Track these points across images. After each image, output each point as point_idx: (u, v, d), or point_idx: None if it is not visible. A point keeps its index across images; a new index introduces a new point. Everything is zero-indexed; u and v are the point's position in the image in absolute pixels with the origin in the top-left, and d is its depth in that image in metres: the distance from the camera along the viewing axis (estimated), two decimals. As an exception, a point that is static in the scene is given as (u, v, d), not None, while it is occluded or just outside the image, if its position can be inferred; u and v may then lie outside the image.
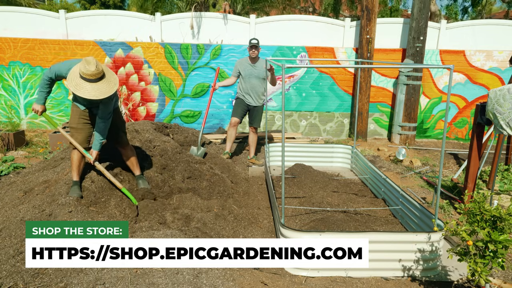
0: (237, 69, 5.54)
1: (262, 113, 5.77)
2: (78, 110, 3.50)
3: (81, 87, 3.08)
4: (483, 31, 7.69)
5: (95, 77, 3.09)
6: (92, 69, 3.04)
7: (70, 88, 3.10)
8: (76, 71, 3.14)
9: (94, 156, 3.50)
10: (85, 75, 3.06)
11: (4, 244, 2.80)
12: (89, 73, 3.05)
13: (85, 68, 3.04)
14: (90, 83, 3.09)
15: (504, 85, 3.52)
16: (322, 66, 3.08)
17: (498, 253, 2.36)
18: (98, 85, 3.11)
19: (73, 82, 3.09)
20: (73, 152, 3.54)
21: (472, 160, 4.13)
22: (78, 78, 3.10)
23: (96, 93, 3.09)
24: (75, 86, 3.08)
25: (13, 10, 7.50)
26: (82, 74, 3.07)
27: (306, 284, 2.81)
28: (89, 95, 3.08)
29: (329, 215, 3.80)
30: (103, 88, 3.13)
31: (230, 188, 4.50)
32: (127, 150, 3.82)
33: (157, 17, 7.56)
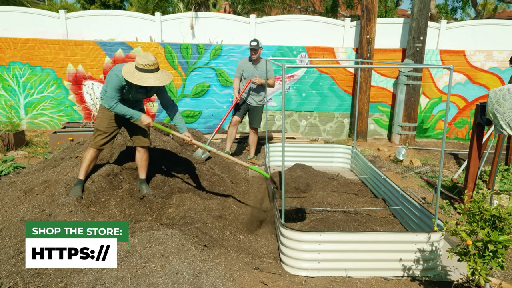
0: (240, 70, 5.52)
1: (262, 113, 5.77)
2: (110, 114, 3.55)
3: (145, 78, 3.29)
4: (483, 31, 7.69)
5: (155, 66, 3.34)
6: (153, 58, 3.32)
7: (134, 82, 3.26)
8: (130, 68, 3.33)
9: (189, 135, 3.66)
10: (147, 66, 3.28)
11: (4, 244, 2.80)
12: (151, 63, 3.30)
13: (147, 59, 3.29)
14: (152, 73, 3.32)
15: (504, 85, 3.52)
16: (322, 66, 3.08)
17: (497, 253, 2.36)
18: (158, 74, 3.37)
19: (135, 77, 3.27)
20: (88, 150, 3.57)
21: (472, 160, 4.13)
22: (138, 73, 3.30)
23: (159, 80, 3.34)
24: (139, 79, 3.27)
25: (13, 10, 7.50)
26: (142, 66, 3.28)
27: (306, 284, 2.81)
28: (155, 83, 3.30)
29: (329, 215, 3.80)
30: (163, 76, 3.39)
31: (230, 188, 4.50)
32: (145, 151, 3.85)
33: (157, 17, 7.56)
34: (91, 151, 3.56)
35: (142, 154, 3.83)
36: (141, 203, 3.68)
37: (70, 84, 7.62)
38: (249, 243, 3.43)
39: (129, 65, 3.37)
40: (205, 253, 2.80)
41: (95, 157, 3.62)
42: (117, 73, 3.34)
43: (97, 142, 3.56)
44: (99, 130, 3.56)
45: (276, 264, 3.07)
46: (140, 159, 3.84)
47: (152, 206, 3.71)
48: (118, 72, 3.35)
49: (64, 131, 6.25)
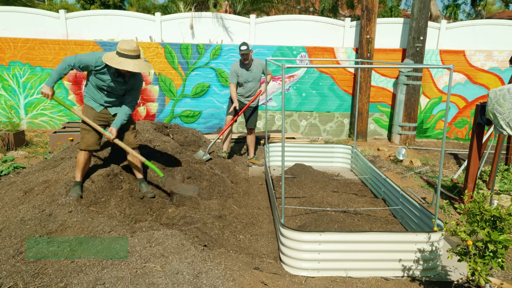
0: (234, 74, 5.44)
1: (257, 113, 5.77)
2: (93, 111, 3.55)
3: (123, 62, 3.27)
4: (483, 31, 7.69)
5: (136, 53, 3.33)
6: (134, 45, 3.32)
7: (112, 64, 3.25)
8: (112, 53, 3.33)
9: (115, 133, 3.56)
10: (127, 51, 3.28)
11: (4, 244, 2.80)
12: (132, 48, 3.29)
13: (128, 44, 3.29)
14: (131, 59, 3.31)
15: (504, 85, 3.52)
16: (322, 66, 3.06)
17: (498, 253, 2.36)
18: (138, 61, 3.35)
19: (114, 61, 3.27)
20: (79, 153, 3.55)
21: (472, 160, 4.13)
22: (117, 57, 3.29)
23: (137, 67, 3.31)
24: (117, 63, 3.26)
25: (13, 10, 7.50)
26: (123, 51, 3.28)
27: (306, 284, 2.81)
28: (133, 68, 3.27)
29: (329, 215, 3.80)
30: (142, 64, 3.36)
31: (230, 188, 4.50)
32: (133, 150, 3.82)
33: (157, 17, 7.56)
34: (83, 154, 3.54)
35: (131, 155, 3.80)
36: (141, 203, 3.68)
37: (70, 84, 7.62)
38: (249, 243, 3.43)
39: (111, 52, 3.38)
40: (205, 253, 2.80)
41: (88, 158, 3.59)
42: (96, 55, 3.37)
43: (85, 142, 3.54)
44: (84, 129, 3.55)
45: (276, 264, 3.07)
46: (131, 160, 3.82)
47: (152, 206, 3.71)
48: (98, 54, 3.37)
49: (64, 131, 6.25)
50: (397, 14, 14.86)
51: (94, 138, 3.56)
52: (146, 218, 3.51)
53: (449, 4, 17.74)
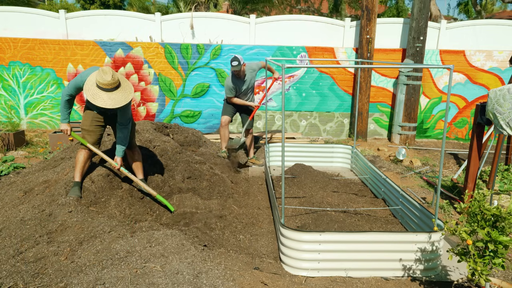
0: (232, 89, 5.40)
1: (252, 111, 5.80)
2: (92, 113, 3.55)
3: (97, 96, 3.18)
4: (483, 31, 7.69)
5: (111, 86, 3.18)
6: (108, 78, 3.13)
7: (87, 97, 3.18)
8: (92, 80, 3.23)
9: (119, 162, 3.58)
10: (102, 85, 3.15)
11: (4, 244, 2.80)
12: (106, 82, 3.13)
13: (102, 77, 3.14)
14: (106, 92, 3.18)
15: (504, 85, 3.52)
16: (322, 66, 3.07)
17: (498, 253, 2.36)
18: (114, 95, 3.21)
19: (90, 92, 3.19)
20: (79, 152, 3.55)
21: (472, 160, 4.13)
22: (94, 88, 3.20)
23: (112, 102, 3.19)
24: (92, 95, 3.18)
25: (13, 10, 7.50)
26: (98, 83, 3.16)
27: (306, 284, 2.81)
28: (105, 104, 3.17)
29: (329, 215, 3.80)
30: (118, 98, 3.23)
31: (230, 188, 4.50)
32: (134, 152, 3.83)
33: (157, 17, 7.55)
34: (83, 153, 3.55)
35: (131, 156, 3.81)
36: (141, 203, 3.68)
37: (70, 84, 7.61)
38: (249, 243, 3.43)
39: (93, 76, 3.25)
40: (205, 253, 2.80)
41: (88, 158, 3.60)
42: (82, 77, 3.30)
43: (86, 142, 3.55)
44: (84, 130, 3.56)
45: (276, 264, 3.07)
46: (131, 161, 3.82)
47: (152, 206, 3.71)
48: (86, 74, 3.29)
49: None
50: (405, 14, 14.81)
51: (93, 139, 3.57)
52: (146, 218, 3.51)
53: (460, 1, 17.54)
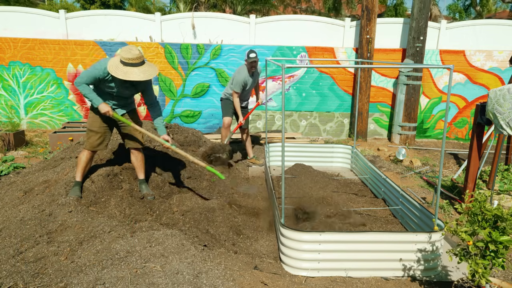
0: (242, 84, 5.30)
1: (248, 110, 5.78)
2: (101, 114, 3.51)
3: (130, 72, 3.23)
4: (483, 31, 7.69)
5: (140, 60, 3.27)
6: (137, 52, 3.24)
7: (119, 76, 3.20)
8: (116, 61, 3.27)
9: (169, 139, 3.63)
10: (131, 60, 3.22)
11: (4, 244, 2.80)
12: (136, 56, 3.23)
13: (130, 53, 3.22)
14: (137, 67, 3.26)
15: (504, 85, 3.52)
16: (322, 66, 3.07)
17: (498, 253, 2.36)
18: (144, 68, 3.30)
19: (119, 71, 3.22)
20: (82, 152, 3.55)
21: (472, 160, 4.13)
22: (122, 66, 3.23)
23: (144, 75, 3.27)
24: (124, 73, 3.22)
25: (13, 10, 7.50)
26: (127, 60, 3.21)
27: (306, 284, 2.81)
28: (140, 77, 3.24)
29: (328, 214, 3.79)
30: (149, 69, 3.32)
31: (230, 188, 4.50)
32: (138, 152, 3.83)
33: (157, 17, 7.55)
34: (86, 153, 3.55)
35: (136, 155, 3.81)
36: (141, 203, 3.68)
37: (70, 84, 7.62)
38: (249, 243, 3.43)
39: (115, 59, 3.31)
40: (205, 253, 2.80)
41: (90, 158, 3.60)
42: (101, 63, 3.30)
43: (91, 143, 3.54)
44: (92, 131, 3.54)
45: (276, 264, 3.07)
46: (135, 160, 3.82)
47: (152, 206, 3.70)
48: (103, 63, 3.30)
49: (64, 131, 6.25)
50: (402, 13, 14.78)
51: (99, 141, 3.57)
52: (146, 218, 3.51)
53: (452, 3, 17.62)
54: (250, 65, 5.23)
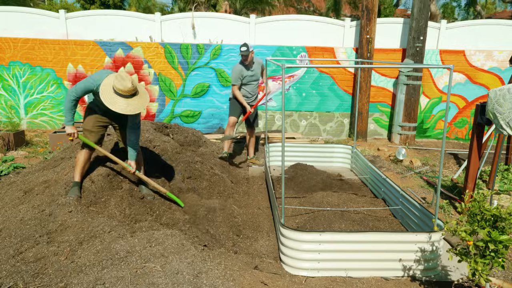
0: (239, 76, 5.33)
1: (258, 113, 5.77)
2: (95, 113, 3.52)
3: (115, 102, 3.17)
4: (483, 31, 7.69)
5: (131, 93, 3.19)
6: (129, 85, 3.14)
7: (105, 102, 3.16)
8: (109, 85, 3.20)
9: (134, 165, 3.59)
10: (121, 91, 3.15)
11: (4, 244, 2.80)
12: (126, 89, 3.15)
13: (121, 84, 3.13)
14: (124, 99, 3.19)
15: (504, 85, 3.52)
16: (322, 66, 3.08)
17: (498, 253, 2.36)
18: (132, 101, 3.23)
19: (107, 97, 3.17)
20: (80, 152, 3.55)
21: (472, 160, 4.13)
22: (112, 93, 3.18)
23: (130, 108, 3.20)
24: (110, 101, 3.16)
25: (13, 10, 7.50)
26: (117, 90, 3.15)
27: (306, 284, 2.81)
28: (124, 111, 3.18)
29: (328, 214, 3.79)
30: (136, 104, 3.25)
31: (230, 188, 4.50)
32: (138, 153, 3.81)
33: (157, 17, 7.56)
34: (83, 153, 3.55)
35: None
36: (141, 203, 3.68)
37: (70, 84, 7.62)
38: (249, 243, 3.43)
39: (110, 80, 3.24)
40: (205, 253, 2.80)
41: (88, 158, 3.60)
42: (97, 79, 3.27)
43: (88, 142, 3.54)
44: (87, 130, 3.54)
45: (276, 264, 3.07)
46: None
47: (152, 206, 3.70)
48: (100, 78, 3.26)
49: (64, 131, 6.24)
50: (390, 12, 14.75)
51: (94, 138, 3.56)
52: (146, 218, 3.51)
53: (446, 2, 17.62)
54: (242, 58, 5.25)
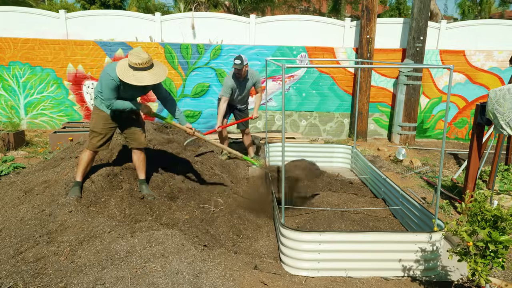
0: (229, 89, 5.18)
1: (247, 113, 5.70)
2: (105, 115, 3.49)
3: (141, 77, 3.17)
4: (483, 31, 7.69)
5: (149, 63, 3.21)
6: (146, 56, 3.16)
7: (130, 82, 3.15)
8: (124, 67, 3.19)
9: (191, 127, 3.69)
10: (141, 65, 3.15)
11: (4, 244, 2.80)
12: (144, 61, 3.16)
13: (139, 58, 3.14)
14: (146, 71, 3.19)
15: (504, 85, 3.52)
16: (322, 66, 3.08)
17: (498, 253, 2.36)
18: (154, 70, 3.23)
19: (131, 77, 3.16)
20: (84, 152, 3.55)
21: (472, 160, 4.13)
22: (132, 71, 3.17)
23: (155, 77, 3.22)
24: (135, 79, 3.16)
25: (13, 10, 7.50)
26: (136, 65, 3.15)
27: (306, 284, 2.81)
28: (152, 81, 3.19)
29: (328, 214, 3.79)
30: (159, 72, 3.26)
31: (230, 188, 4.50)
32: (141, 152, 3.81)
33: (157, 17, 7.56)
34: (88, 153, 3.55)
35: (138, 155, 3.80)
36: (141, 203, 3.68)
37: (70, 84, 7.62)
38: (249, 243, 3.43)
39: (123, 64, 3.23)
40: (205, 253, 2.80)
41: (92, 159, 3.60)
42: (110, 73, 3.23)
43: (93, 144, 3.53)
44: (95, 132, 3.52)
45: (276, 264, 3.07)
46: (137, 160, 3.81)
47: (152, 206, 3.70)
48: (111, 71, 3.23)
49: (64, 131, 6.25)
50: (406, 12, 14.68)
51: (102, 142, 3.56)
52: (146, 218, 3.51)
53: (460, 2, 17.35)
54: (235, 71, 5.09)
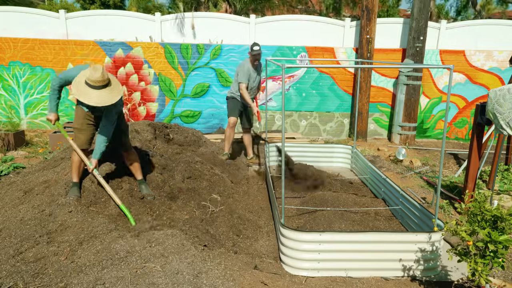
0: (247, 74, 5.23)
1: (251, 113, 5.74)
2: (83, 111, 3.50)
3: (84, 93, 3.11)
4: (483, 31, 7.69)
5: (100, 84, 3.11)
6: (98, 75, 3.07)
7: (74, 94, 3.13)
8: (82, 76, 3.17)
9: (94, 164, 3.46)
10: (91, 82, 3.09)
11: (4, 244, 2.80)
12: (94, 79, 3.07)
13: (91, 74, 3.07)
14: (94, 90, 3.12)
15: (504, 85, 3.52)
16: (322, 66, 3.09)
17: (498, 253, 2.36)
18: (101, 92, 3.13)
19: (77, 88, 3.13)
20: (73, 153, 3.54)
21: (472, 160, 4.13)
22: (83, 84, 3.13)
23: (98, 100, 3.11)
24: (79, 91, 3.11)
25: (13, 10, 7.50)
26: (87, 80, 3.10)
27: (306, 284, 2.81)
28: (91, 102, 3.10)
29: (328, 214, 3.79)
30: (105, 96, 3.14)
31: (230, 188, 4.50)
32: (130, 154, 3.79)
33: (157, 17, 7.55)
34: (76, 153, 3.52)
35: (127, 157, 3.76)
36: (141, 203, 3.68)
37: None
38: (249, 243, 3.43)
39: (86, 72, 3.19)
40: (205, 253, 2.80)
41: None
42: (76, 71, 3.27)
43: (76, 141, 3.51)
44: (76, 128, 3.53)
45: (276, 264, 3.07)
46: (127, 162, 3.77)
47: (152, 206, 3.70)
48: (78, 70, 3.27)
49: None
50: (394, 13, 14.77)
51: (85, 137, 3.52)
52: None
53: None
54: (254, 58, 5.21)
